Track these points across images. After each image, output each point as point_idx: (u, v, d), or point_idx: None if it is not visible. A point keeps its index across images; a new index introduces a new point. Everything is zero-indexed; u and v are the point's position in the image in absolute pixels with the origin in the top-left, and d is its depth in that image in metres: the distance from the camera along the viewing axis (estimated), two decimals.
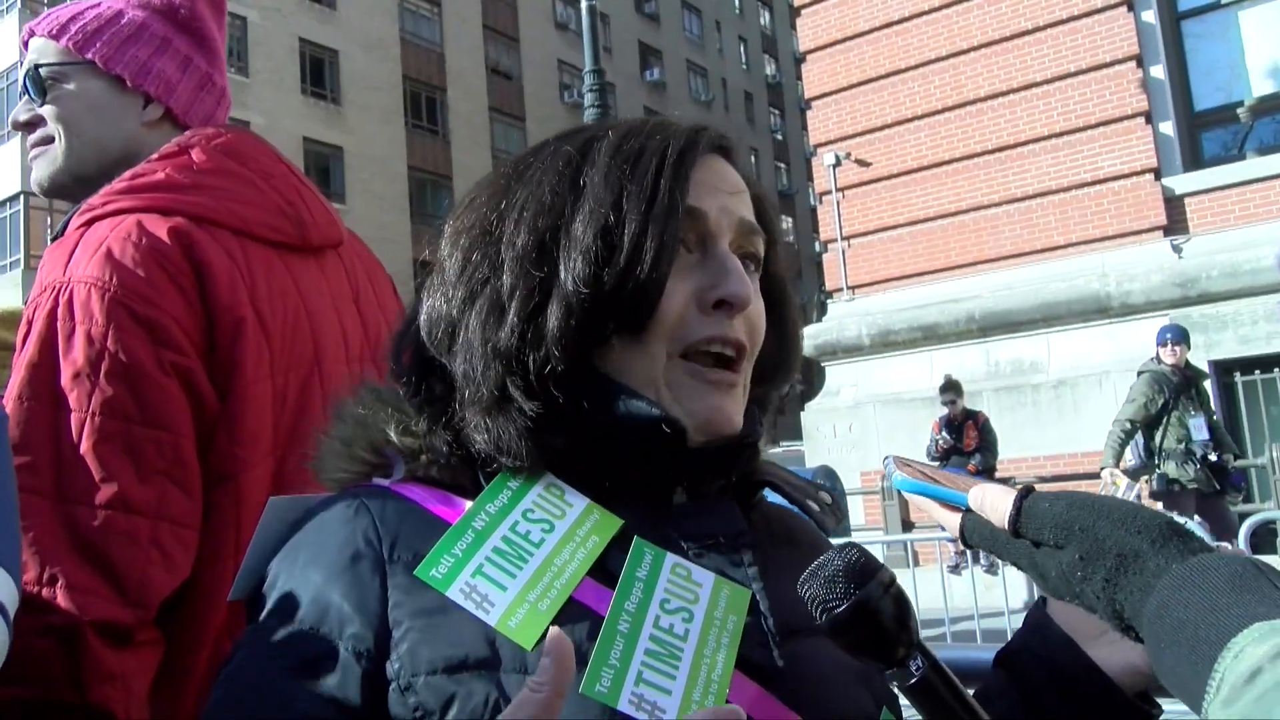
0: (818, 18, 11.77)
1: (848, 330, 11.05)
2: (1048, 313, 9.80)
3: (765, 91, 54.90)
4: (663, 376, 0.82)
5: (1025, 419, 9.76)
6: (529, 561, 0.75)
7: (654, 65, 45.74)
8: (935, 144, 10.85)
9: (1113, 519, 0.66)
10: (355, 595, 0.74)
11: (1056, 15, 10.09)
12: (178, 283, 1.24)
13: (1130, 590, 0.63)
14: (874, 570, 0.68)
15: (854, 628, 0.67)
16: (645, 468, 0.83)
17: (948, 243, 10.74)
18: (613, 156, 0.84)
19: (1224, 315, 8.94)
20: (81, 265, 1.22)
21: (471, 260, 0.84)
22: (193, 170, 1.35)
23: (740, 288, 0.83)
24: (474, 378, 0.80)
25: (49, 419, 1.16)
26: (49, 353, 1.18)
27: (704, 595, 0.77)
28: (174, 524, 1.17)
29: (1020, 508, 0.71)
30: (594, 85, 9.37)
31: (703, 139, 0.88)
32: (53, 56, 1.43)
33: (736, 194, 0.89)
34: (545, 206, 0.82)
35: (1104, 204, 9.83)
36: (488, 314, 0.81)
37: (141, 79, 1.42)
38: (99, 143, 1.42)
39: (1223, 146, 9.78)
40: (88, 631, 1.07)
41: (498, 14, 38.29)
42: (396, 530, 0.78)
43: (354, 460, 0.86)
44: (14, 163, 25.23)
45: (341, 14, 32.17)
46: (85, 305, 1.19)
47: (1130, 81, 9.73)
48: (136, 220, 1.26)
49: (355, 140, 31.35)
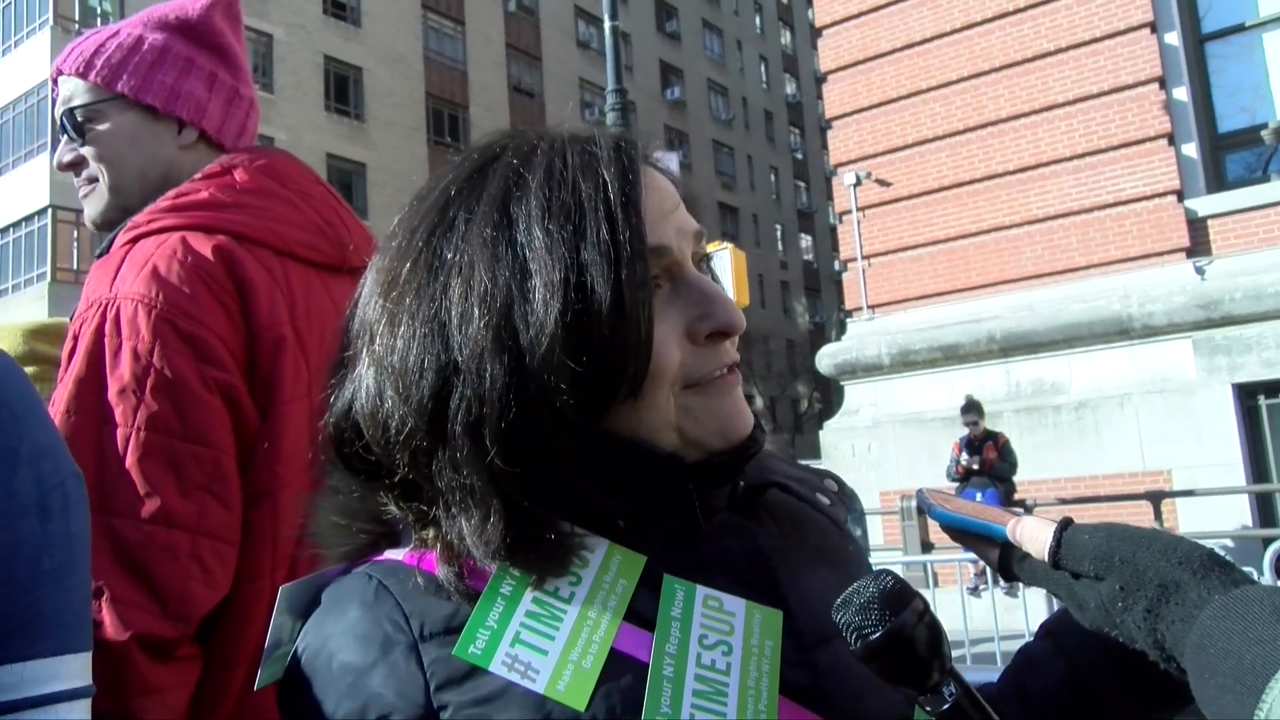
0: (839, 38, 11.81)
1: (868, 349, 11.03)
2: (1069, 334, 9.75)
3: (785, 110, 55.04)
4: (675, 414, 0.79)
5: (1046, 440, 9.70)
6: (564, 620, 0.73)
7: (675, 83, 45.95)
8: (956, 164, 10.84)
9: (1153, 550, 0.67)
10: (394, 683, 0.71)
11: (1079, 37, 10.08)
12: (221, 300, 1.26)
13: (1172, 621, 0.63)
14: (909, 598, 0.68)
15: (888, 655, 0.67)
16: (659, 499, 0.80)
17: (968, 263, 10.71)
18: (547, 216, 0.74)
19: (1248, 338, 8.87)
20: (128, 282, 1.24)
21: (425, 364, 0.74)
22: (235, 190, 1.38)
23: (732, 314, 0.79)
24: (476, 504, 0.73)
25: (94, 433, 1.18)
26: (96, 367, 1.20)
27: (738, 625, 0.76)
28: (214, 539, 1.19)
29: (1060, 539, 0.72)
30: (616, 105, 9.44)
31: (633, 161, 0.79)
32: (84, 95, 1.45)
33: (678, 206, 0.82)
34: (487, 295, 0.73)
35: (1126, 225, 9.79)
36: (466, 427, 0.72)
37: (172, 105, 1.45)
38: (140, 173, 1.45)
39: (1246, 168, 9.73)
40: (130, 644, 1.09)
41: (520, 32, 38.62)
42: (422, 608, 0.73)
43: (357, 535, 0.81)
44: (42, 178, 25.61)
45: (366, 31, 32.52)
46: (132, 321, 1.21)
47: (1153, 103, 9.70)
48: (181, 238, 1.29)
49: (378, 156, 31.62)
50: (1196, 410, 8.98)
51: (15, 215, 26.64)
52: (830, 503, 0.90)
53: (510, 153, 0.80)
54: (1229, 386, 8.89)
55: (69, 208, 25.68)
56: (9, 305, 25.89)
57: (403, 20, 33.80)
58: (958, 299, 10.68)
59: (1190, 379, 9.12)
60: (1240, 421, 8.84)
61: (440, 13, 35.52)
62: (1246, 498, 8.78)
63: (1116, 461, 9.29)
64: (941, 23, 10.96)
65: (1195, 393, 9.04)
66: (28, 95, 26.72)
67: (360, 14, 32.59)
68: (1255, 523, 8.73)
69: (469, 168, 0.81)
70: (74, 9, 26.85)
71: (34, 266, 26.26)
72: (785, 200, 53.47)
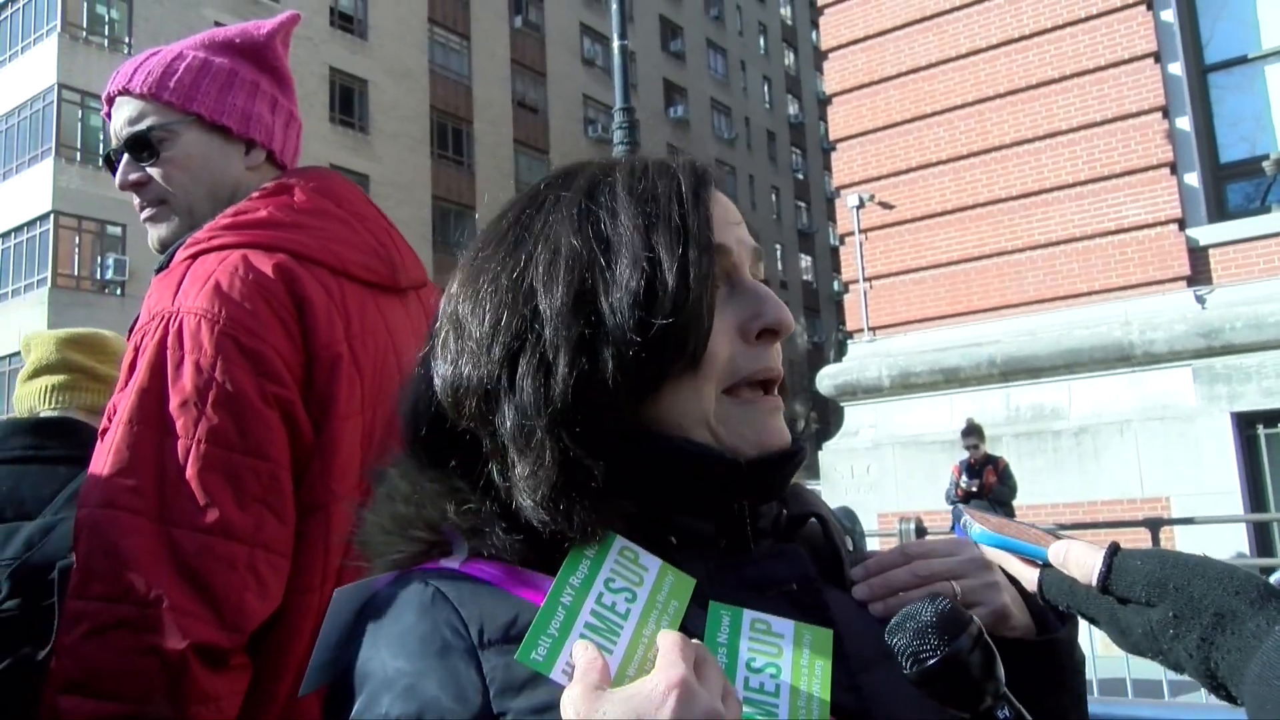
0: (845, 61, 11.88)
1: (868, 371, 11.05)
2: (1070, 359, 9.78)
3: (788, 131, 55.20)
4: (713, 414, 0.81)
5: (1045, 465, 9.71)
6: (621, 634, 0.73)
7: (678, 102, 46.09)
8: (960, 189, 10.89)
9: (1208, 578, 0.66)
10: (453, 688, 0.71)
11: (1084, 65, 10.15)
12: (280, 317, 1.28)
13: (1228, 650, 0.63)
14: (965, 622, 0.69)
15: (943, 680, 0.68)
16: (708, 517, 0.83)
17: (970, 287, 10.75)
18: (630, 200, 0.82)
19: (1248, 367, 8.90)
20: (191, 296, 1.27)
21: (502, 322, 0.79)
22: (293, 209, 1.41)
23: (783, 313, 0.84)
24: (532, 446, 0.76)
25: (155, 443, 1.20)
26: (158, 379, 1.23)
27: (787, 646, 0.77)
28: (269, 551, 1.21)
29: (1110, 564, 0.72)
30: (624, 123, 9.47)
31: (705, 174, 0.87)
32: (157, 116, 1.46)
33: (741, 224, 0.89)
34: (573, 259, 0.79)
35: (1128, 253, 9.83)
36: (534, 375, 0.77)
37: (245, 127, 1.48)
38: (212, 193, 1.47)
39: (1246, 198, 9.78)
40: (188, 653, 1.11)
41: (526, 48, 38.76)
42: (480, 614, 0.74)
43: (410, 541, 0.82)
44: (45, 183, 25.63)
45: (372, 44, 32.63)
46: (195, 335, 1.24)
47: (1156, 132, 9.76)
48: (243, 255, 1.31)
49: (381, 169, 31.67)
50: (1196, 438, 9.00)
51: (17, 220, 26.62)
52: (848, 555, 0.93)
53: (594, 164, 0.88)
54: (1228, 415, 8.91)
55: (71, 214, 25.71)
56: (9, 310, 25.86)
57: (409, 34, 33.92)
58: (959, 322, 10.71)
59: (1190, 407, 9.14)
60: (1239, 450, 8.85)
61: (446, 27, 35.65)
62: (1244, 526, 8.77)
63: (1115, 488, 9.30)
64: (947, 48, 11.03)
65: (1195, 420, 9.06)
66: (33, 101, 26.76)
67: (367, 27, 32.70)
68: (1252, 551, 8.72)
69: (559, 172, 0.89)
70: (82, 17, 26.92)
71: (35, 272, 26.23)
72: (786, 220, 53.54)
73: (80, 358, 2.01)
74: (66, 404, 1.97)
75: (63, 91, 26.15)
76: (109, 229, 26.22)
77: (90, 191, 25.70)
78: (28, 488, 1.73)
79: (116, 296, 25.54)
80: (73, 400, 1.98)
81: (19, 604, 1.48)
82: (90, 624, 1.14)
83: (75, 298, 25.21)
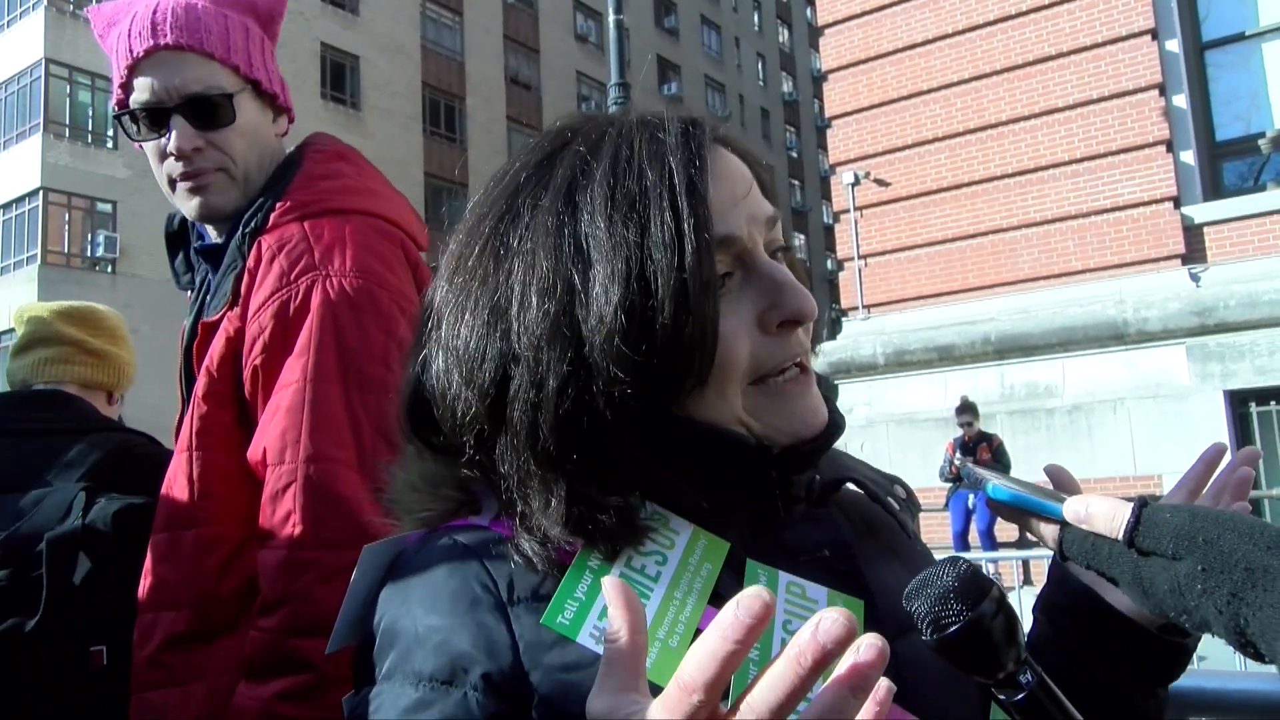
0: (841, 37, 11.82)
1: (862, 349, 11.06)
2: (1064, 337, 9.80)
3: (782, 109, 55.02)
4: (742, 409, 0.78)
5: (1038, 443, 9.75)
6: (650, 598, 0.72)
7: (672, 79, 45.87)
8: (955, 166, 10.87)
9: (1239, 532, 0.64)
10: (485, 642, 0.70)
11: (1080, 42, 10.11)
12: (411, 279, 1.36)
13: (1259, 607, 0.61)
14: (986, 587, 0.67)
15: (965, 646, 0.66)
16: (742, 486, 0.80)
17: (965, 264, 10.75)
18: (611, 208, 0.73)
19: (1241, 345, 8.93)
20: (337, 259, 1.31)
21: (485, 352, 0.74)
22: (359, 177, 1.45)
23: (804, 302, 0.79)
24: (534, 488, 0.74)
25: (341, 397, 1.25)
26: (331, 336, 1.27)
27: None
28: None
29: (1139, 516, 0.70)
30: (619, 99, 9.42)
31: (701, 147, 0.77)
32: (224, 80, 1.41)
33: (750, 189, 0.81)
34: (549, 286, 0.72)
35: (1123, 231, 9.83)
36: (524, 412, 0.72)
37: (284, 96, 1.49)
38: (261, 162, 1.47)
39: (1240, 177, 9.78)
40: None
41: (519, 24, 38.49)
42: (510, 572, 0.73)
43: (440, 499, 0.81)
44: (34, 159, 25.42)
45: (364, 20, 32.37)
46: (369, 296, 1.30)
47: (1152, 110, 9.74)
48: (365, 220, 1.36)
49: (374, 145, 31.44)
50: (1189, 416, 9.04)
51: (6, 197, 26.42)
52: (899, 507, 0.90)
53: (579, 140, 0.79)
54: (1221, 393, 8.95)
55: (60, 190, 25.51)
56: None
57: (401, 9, 33.65)
58: (954, 300, 10.71)
59: (1183, 385, 9.18)
60: (1232, 428, 8.90)
61: (439, 3, 35.38)
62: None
63: (1108, 465, 9.34)
64: (943, 24, 10.98)
65: (1188, 398, 9.10)
66: (20, 76, 26.50)
67: (359, 2, 32.43)
68: None
69: (539, 154, 0.81)
70: None
71: (25, 249, 26.07)
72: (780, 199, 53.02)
73: (74, 331, 1.99)
74: (59, 377, 1.96)
75: (50, 66, 25.88)
76: (99, 206, 26.04)
77: (79, 168, 25.52)
78: (19, 460, 1.72)
79: (107, 274, 25.36)
80: (65, 374, 1.96)
81: (9, 575, 1.49)
82: (319, 571, 1.22)
83: (66, 275, 25.03)
